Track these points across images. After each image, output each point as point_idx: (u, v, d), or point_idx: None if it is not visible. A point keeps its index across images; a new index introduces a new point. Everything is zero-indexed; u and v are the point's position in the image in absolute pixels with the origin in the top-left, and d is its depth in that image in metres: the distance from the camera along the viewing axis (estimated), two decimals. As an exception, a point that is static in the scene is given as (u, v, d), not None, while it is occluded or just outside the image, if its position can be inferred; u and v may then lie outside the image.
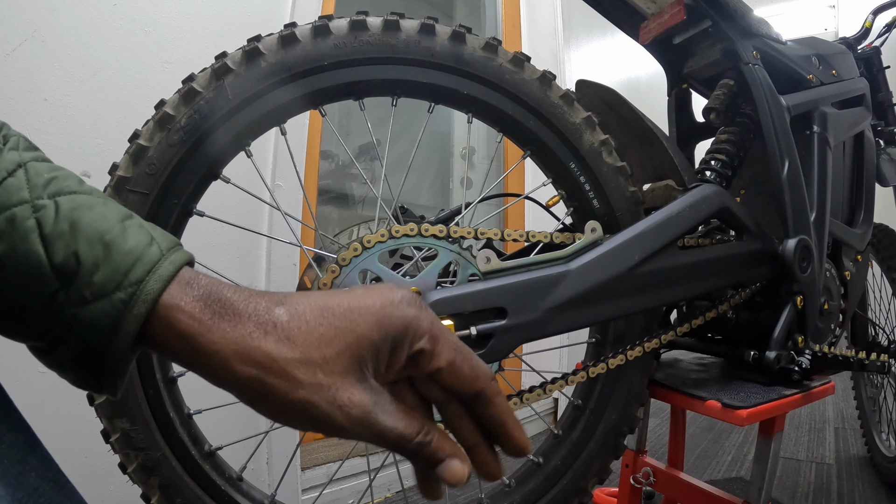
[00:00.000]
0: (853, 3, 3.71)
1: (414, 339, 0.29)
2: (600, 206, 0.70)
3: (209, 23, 1.15)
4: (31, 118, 0.91)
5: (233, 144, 0.58)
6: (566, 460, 0.71)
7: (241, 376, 0.26)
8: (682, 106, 1.00)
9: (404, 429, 0.28)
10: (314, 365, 0.26)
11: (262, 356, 0.26)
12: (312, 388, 0.26)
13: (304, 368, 0.26)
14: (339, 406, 0.26)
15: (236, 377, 0.26)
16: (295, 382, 0.26)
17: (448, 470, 0.29)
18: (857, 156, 1.03)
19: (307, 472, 1.31)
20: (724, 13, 0.82)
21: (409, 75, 0.62)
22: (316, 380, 0.26)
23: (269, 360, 0.26)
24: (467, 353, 0.30)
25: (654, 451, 1.63)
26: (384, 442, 0.28)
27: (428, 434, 0.28)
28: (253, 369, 0.26)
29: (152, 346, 0.27)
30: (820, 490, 1.37)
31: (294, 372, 0.26)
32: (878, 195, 1.07)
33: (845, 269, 0.97)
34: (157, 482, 0.56)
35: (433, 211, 1.00)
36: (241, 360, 0.26)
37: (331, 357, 0.27)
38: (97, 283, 0.25)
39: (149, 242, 0.27)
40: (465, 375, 0.30)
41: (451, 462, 0.29)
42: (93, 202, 0.27)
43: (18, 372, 0.68)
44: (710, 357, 0.99)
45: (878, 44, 1.16)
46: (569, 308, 0.61)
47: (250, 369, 0.26)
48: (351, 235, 0.76)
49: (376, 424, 0.27)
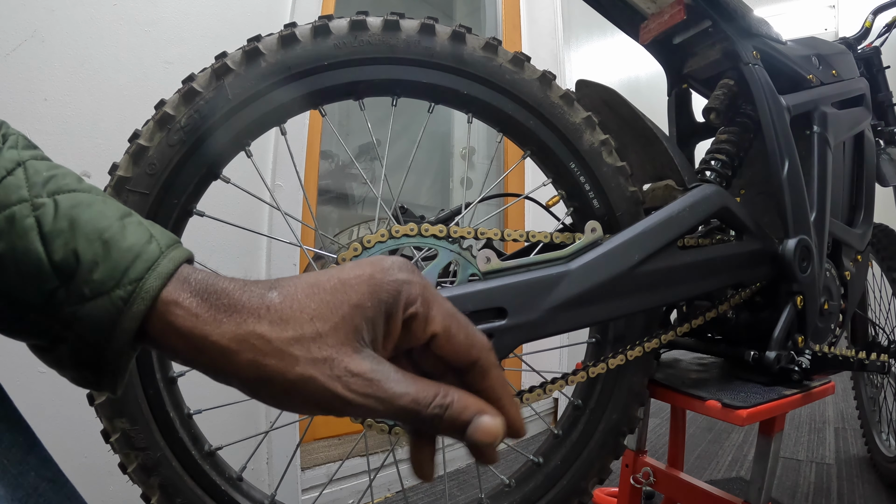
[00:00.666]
0: (853, 3, 3.72)
1: (407, 304, 0.28)
2: (600, 206, 0.70)
3: (209, 23, 1.15)
4: (31, 118, 0.91)
5: (233, 144, 0.58)
6: (566, 460, 0.71)
7: (240, 364, 0.26)
8: (682, 106, 1.00)
9: (417, 392, 0.26)
10: (309, 340, 0.26)
11: (257, 339, 0.26)
12: (309, 362, 0.26)
13: (300, 345, 0.26)
14: (338, 377, 0.26)
15: (235, 366, 0.26)
16: (291, 360, 0.26)
17: (481, 429, 0.26)
18: (857, 156, 1.03)
19: (307, 472, 1.31)
20: (724, 13, 0.82)
21: (409, 75, 0.62)
22: (312, 355, 0.26)
23: (264, 342, 0.26)
24: (462, 321, 0.29)
25: (654, 451, 1.63)
26: (396, 411, 0.26)
27: (447, 396, 0.27)
28: (249, 354, 0.26)
29: (152, 344, 0.27)
30: (820, 490, 1.37)
31: (290, 350, 0.26)
32: (878, 195, 1.07)
33: (845, 269, 0.96)
34: (157, 482, 0.56)
35: (433, 211, 1.00)
36: (238, 347, 0.26)
37: (325, 331, 0.26)
38: (96, 281, 0.25)
39: (148, 240, 0.27)
40: (461, 342, 0.29)
41: (482, 419, 0.26)
42: (92, 200, 0.27)
43: (18, 372, 0.68)
44: (710, 357, 0.99)
45: (878, 44, 1.16)
46: (569, 308, 0.61)
47: (247, 355, 0.26)
48: (351, 235, 0.76)
49: (383, 391, 0.26)
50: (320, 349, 0.26)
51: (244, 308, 0.26)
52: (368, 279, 0.28)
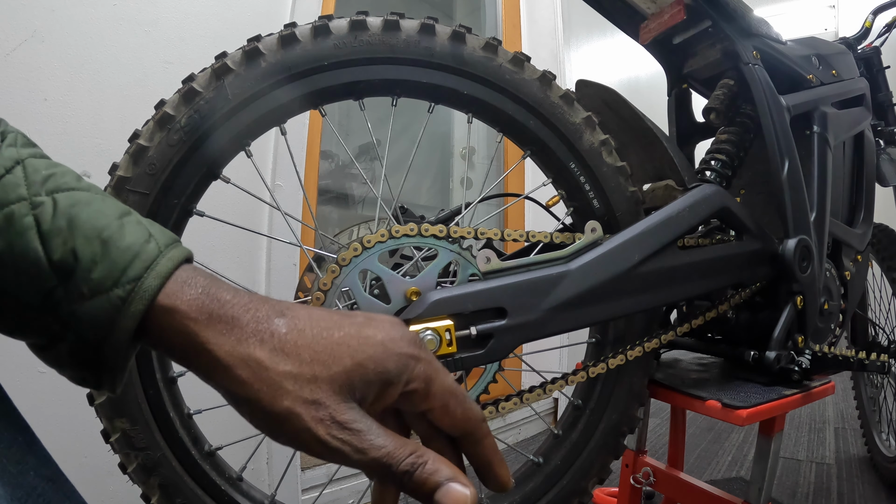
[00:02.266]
0: (853, 3, 3.71)
1: (409, 379, 0.28)
2: (600, 206, 0.70)
3: (209, 23, 1.15)
4: (31, 118, 0.91)
5: (233, 144, 0.58)
6: (566, 460, 0.71)
7: (232, 379, 0.26)
8: (682, 106, 1.00)
9: (394, 448, 0.26)
10: (304, 380, 0.26)
11: (254, 363, 0.26)
12: (298, 400, 0.26)
13: (294, 381, 0.26)
14: (322, 420, 0.26)
15: (227, 379, 0.26)
16: (282, 392, 0.26)
17: (450, 495, 0.26)
18: (857, 156, 1.03)
19: (307, 472, 1.31)
20: (724, 13, 0.82)
21: (409, 75, 0.62)
22: (303, 394, 0.26)
23: (261, 368, 0.26)
24: (461, 396, 0.30)
25: (654, 451, 1.63)
26: (368, 462, 0.26)
27: (421, 456, 0.27)
28: (243, 373, 0.26)
29: (149, 342, 0.27)
30: (820, 490, 1.37)
31: (283, 383, 0.26)
32: (878, 195, 1.07)
33: (845, 269, 0.96)
34: (157, 482, 0.56)
35: (433, 211, 1.00)
36: (233, 363, 0.26)
37: (322, 377, 0.27)
38: (95, 280, 0.25)
39: (146, 239, 0.27)
40: (458, 417, 0.30)
41: (453, 485, 0.26)
42: (91, 198, 0.27)
43: (18, 372, 0.68)
44: (710, 357, 0.99)
45: (878, 44, 1.16)
46: (569, 308, 0.61)
47: (240, 373, 0.26)
48: (351, 235, 0.76)
49: (360, 441, 0.26)
50: (312, 392, 0.26)
51: (247, 326, 0.27)
52: (378, 344, 0.28)
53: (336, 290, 0.55)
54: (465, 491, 0.26)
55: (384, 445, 0.26)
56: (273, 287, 1.21)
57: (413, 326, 0.53)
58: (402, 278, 0.58)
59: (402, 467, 0.26)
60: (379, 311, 0.56)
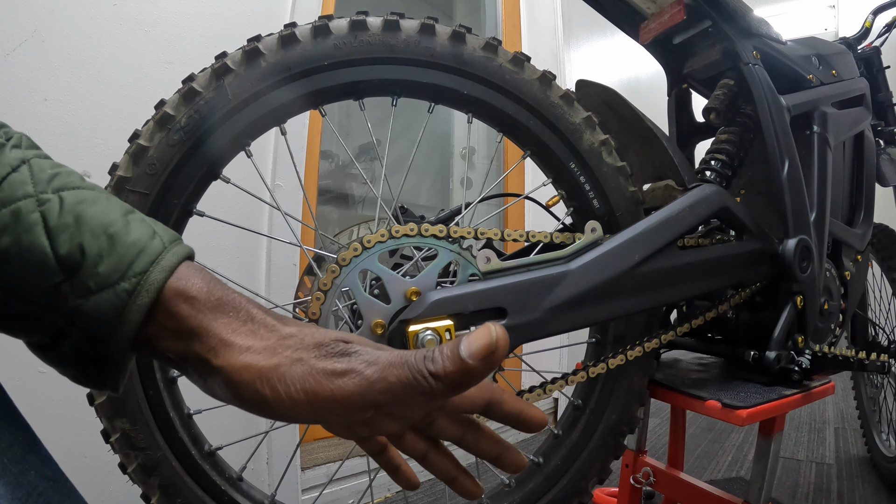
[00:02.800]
0: (853, 3, 3.71)
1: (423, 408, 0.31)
2: (600, 206, 0.70)
3: (209, 23, 1.15)
4: (31, 118, 0.91)
5: (233, 144, 0.58)
6: (566, 460, 0.71)
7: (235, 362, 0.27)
8: (682, 106, 1.00)
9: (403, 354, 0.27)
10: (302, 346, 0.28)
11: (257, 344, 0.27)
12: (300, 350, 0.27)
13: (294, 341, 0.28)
14: (324, 356, 0.27)
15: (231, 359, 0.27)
16: (282, 350, 0.27)
17: (473, 338, 0.26)
18: (857, 156, 1.03)
19: (307, 472, 1.31)
20: (724, 13, 0.82)
21: (409, 75, 0.62)
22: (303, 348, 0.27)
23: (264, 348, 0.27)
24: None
25: (654, 451, 1.63)
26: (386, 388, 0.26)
27: (431, 350, 0.26)
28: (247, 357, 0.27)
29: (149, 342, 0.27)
30: (820, 490, 1.37)
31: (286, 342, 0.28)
32: (878, 195, 1.07)
33: (845, 269, 0.96)
34: (157, 482, 0.56)
35: (433, 211, 1.00)
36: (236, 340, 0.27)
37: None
38: (102, 274, 0.25)
39: (151, 235, 0.27)
40: (473, 393, 0.32)
41: (471, 334, 0.26)
42: (96, 197, 0.27)
43: (18, 372, 0.68)
44: (710, 357, 0.99)
45: (878, 44, 1.16)
46: (569, 308, 0.61)
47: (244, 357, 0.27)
48: (351, 235, 0.76)
49: (367, 355, 0.27)
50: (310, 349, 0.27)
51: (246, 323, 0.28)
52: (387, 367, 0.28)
53: (336, 290, 0.55)
54: (485, 327, 0.26)
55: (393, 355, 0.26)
56: (273, 287, 1.21)
57: (413, 326, 0.53)
58: (402, 278, 0.58)
59: (419, 363, 0.25)
60: (379, 310, 0.56)
